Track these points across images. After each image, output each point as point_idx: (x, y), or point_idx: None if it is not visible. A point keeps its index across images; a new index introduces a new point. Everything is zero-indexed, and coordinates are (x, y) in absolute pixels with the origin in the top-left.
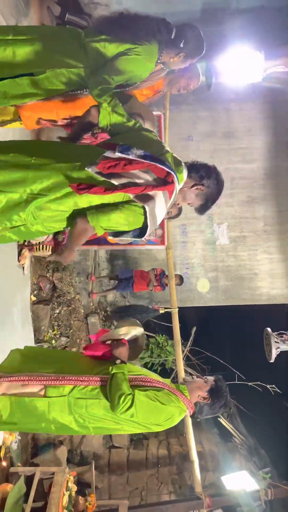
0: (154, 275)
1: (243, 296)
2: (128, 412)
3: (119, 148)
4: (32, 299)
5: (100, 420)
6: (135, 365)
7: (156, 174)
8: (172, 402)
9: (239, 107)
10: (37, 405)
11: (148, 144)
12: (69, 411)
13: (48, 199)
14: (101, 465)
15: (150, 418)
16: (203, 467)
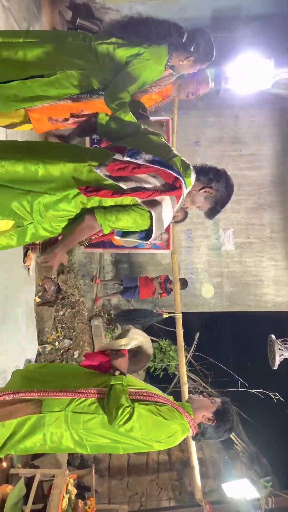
0: (158, 283)
1: (248, 303)
2: (127, 426)
3: (128, 152)
4: (36, 300)
5: (98, 437)
6: (137, 379)
7: (164, 178)
8: (175, 418)
9: (248, 114)
10: (31, 423)
11: (156, 148)
12: (66, 427)
13: (56, 199)
14: (101, 469)
15: (151, 433)
16: (203, 473)
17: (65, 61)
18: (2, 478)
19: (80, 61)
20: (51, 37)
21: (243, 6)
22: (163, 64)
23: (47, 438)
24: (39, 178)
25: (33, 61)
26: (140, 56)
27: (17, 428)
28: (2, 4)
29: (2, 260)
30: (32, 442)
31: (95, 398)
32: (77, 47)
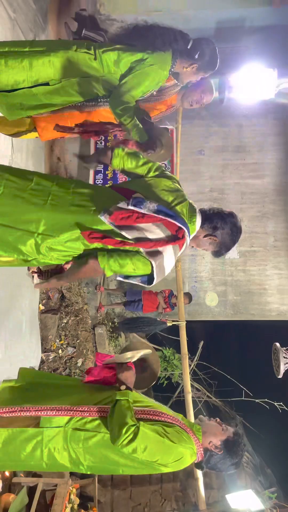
0: (162, 297)
1: (252, 311)
2: (130, 446)
3: (133, 201)
4: (40, 308)
5: (97, 457)
6: (144, 396)
7: (168, 227)
8: (183, 441)
9: (251, 123)
10: (28, 436)
11: (164, 194)
12: (64, 445)
13: (59, 240)
14: (104, 479)
15: (156, 456)
16: (207, 484)
17: (70, 69)
18: (5, 487)
19: (84, 68)
20: (56, 46)
21: (247, 18)
22: (167, 70)
23: (44, 455)
24: (42, 223)
25: (38, 69)
26: (144, 61)
27: (10, 439)
28: (9, 15)
29: (7, 267)
30: (27, 458)
31: (96, 417)
32: (82, 55)
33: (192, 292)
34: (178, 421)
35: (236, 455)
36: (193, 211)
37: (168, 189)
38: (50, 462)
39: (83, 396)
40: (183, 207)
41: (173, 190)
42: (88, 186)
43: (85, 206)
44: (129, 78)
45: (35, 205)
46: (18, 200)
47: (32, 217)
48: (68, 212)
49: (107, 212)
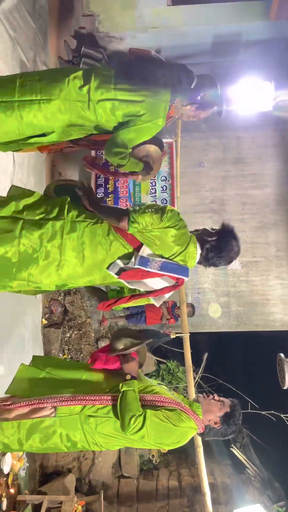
0: (166, 308)
1: (256, 322)
2: (139, 434)
3: (139, 261)
4: (43, 322)
5: (110, 438)
6: (146, 379)
7: (170, 277)
8: (182, 422)
9: (250, 135)
10: (47, 425)
11: (168, 246)
12: (80, 429)
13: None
14: (110, 495)
15: (162, 438)
16: (215, 499)
17: (62, 120)
18: (10, 504)
19: (77, 119)
20: (47, 92)
21: (243, 32)
22: (163, 117)
23: (63, 438)
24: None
25: (30, 123)
26: (140, 117)
27: (33, 429)
28: (9, 35)
29: None
30: (48, 443)
31: (107, 405)
32: (74, 104)
33: (195, 303)
34: (178, 404)
35: (234, 425)
36: (193, 256)
37: (173, 239)
38: (69, 444)
39: (93, 385)
40: (184, 255)
41: (178, 239)
42: (93, 238)
43: (94, 271)
44: (125, 131)
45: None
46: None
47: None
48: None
49: (117, 270)
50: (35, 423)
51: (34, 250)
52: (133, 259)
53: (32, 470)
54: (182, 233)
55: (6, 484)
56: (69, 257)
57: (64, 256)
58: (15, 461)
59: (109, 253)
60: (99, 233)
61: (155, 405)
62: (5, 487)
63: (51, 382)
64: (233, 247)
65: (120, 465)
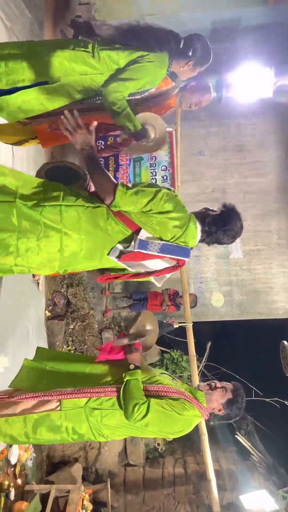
0: (167, 294)
1: (259, 310)
2: (143, 421)
3: (139, 244)
4: (46, 314)
5: (116, 429)
6: (150, 369)
7: (172, 259)
8: (186, 410)
9: (250, 122)
10: (53, 419)
11: (168, 230)
12: (85, 422)
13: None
14: (116, 484)
15: (166, 427)
16: (220, 486)
17: (68, 67)
18: (18, 494)
19: (82, 66)
20: (54, 46)
21: (242, 17)
22: (165, 69)
23: (69, 431)
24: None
25: (36, 69)
26: (145, 57)
27: (39, 423)
28: (5, 25)
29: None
30: (54, 436)
31: (112, 396)
32: (80, 52)
33: (197, 293)
34: (182, 393)
35: (238, 409)
36: (193, 235)
37: (172, 223)
38: (76, 437)
39: (98, 378)
40: (185, 236)
41: (177, 223)
42: (94, 227)
43: (95, 255)
44: (127, 69)
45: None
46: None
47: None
48: (81, 260)
49: (117, 254)
50: (40, 417)
51: (33, 234)
52: (133, 243)
53: (39, 460)
54: (181, 216)
55: (13, 475)
56: (69, 242)
57: (64, 241)
58: (22, 451)
59: (109, 238)
60: (98, 217)
61: (159, 395)
62: (13, 478)
63: (55, 375)
64: (236, 222)
65: (126, 454)
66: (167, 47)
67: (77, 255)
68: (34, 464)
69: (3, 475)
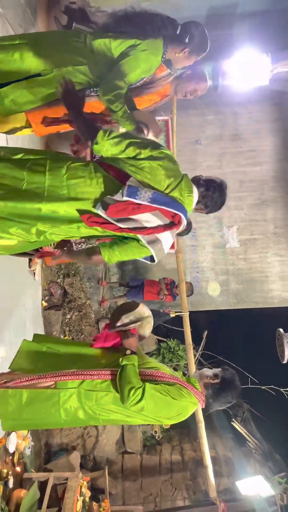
0: (164, 284)
1: (255, 299)
2: (138, 406)
3: (127, 191)
4: (43, 304)
5: (110, 412)
6: (146, 356)
7: (165, 215)
8: (183, 396)
9: (247, 110)
10: (47, 396)
11: (159, 179)
12: (79, 402)
13: (59, 229)
14: (114, 471)
15: (161, 412)
16: (217, 472)
17: (60, 58)
18: (16, 482)
19: (75, 56)
20: (46, 37)
21: (239, 3)
22: (159, 56)
23: (61, 412)
24: (42, 214)
25: (29, 61)
26: (137, 47)
27: (32, 399)
28: None
29: (8, 265)
30: (46, 415)
31: (106, 379)
32: (72, 43)
33: (194, 282)
34: (177, 379)
35: (232, 376)
36: (189, 190)
37: (164, 172)
38: (68, 418)
39: (93, 360)
40: (180, 188)
41: (169, 172)
42: (80, 174)
43: (82, 199)
44: (122, 63)
45: (32, 202)
46: (11, 204)
47: (32, 212)
48: (65, 206)
49: (102, 205)
50: (36, 392)
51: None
52: (121, 190)
53: (37, 449)
54: (173, 167)
55: (12, 463)
56: (53, 200)
57: (48, 198)
58: (20, 440)
59: (97, 191)
60: (84, 171)
61: (154, 379)
62: (11, 466)
63: (52, 357)
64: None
65: (123, 442)
66: (163, 33)
67: (61, 212)
68: (33, 453)
69: (2, 463)
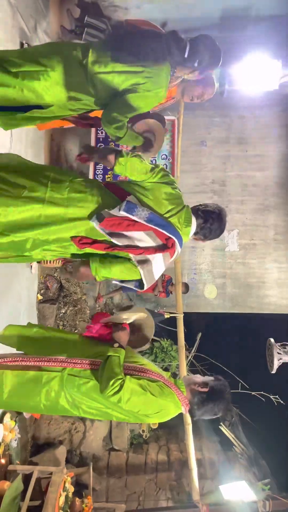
0: (161, 280)
1: (250, 304)
2: (116, 397)
3: (125, 206)
4: (38, 298)
5: (91, 401)
6: (136, 353)
7: (159, 236)
8: (164, 395)
9: (254, 114)
10: (30, 377)
11: (161, 202)
12: (60, 386)
13: (53, 247)
14: (100, 467)
15: (138, 407)
16: (202, 475)
17: (62, 94)
18: (0, 474)
19: (77, 92)
20: (47, 63)
21: (253, 6)
22: (165, 88)
23: (42, 395)
24: (36, 233)
25: (30, 95)
26: (141, 86)
27: (14, 380)
28: (9, 2)
29: None
30: (27, 398)
31: (87, 369)
32: (74, 77)
33: (191, 284)
34: (162, 378)
35: (223, 387)
36: (188, 221)
37: (166, 197)
38: (48, 403)
39: (78, 350)
40: (179, 216)
41: (172, 198)
42: (82, 188)
43: (80, 219)
44: (126, 99)
45: (29, 218)
46: (11, 209)
47: (28, 223)
48: (63, 225)
49: (97, 217)
50: (19, 373)
51: None
52: (119, 206)
53: (24, 441)
54: (176, 195)
55: None
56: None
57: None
58: (7, 432)
59: (95, 206)
60: (86, 187)
61: (138, 375)
62: None
63: (38, 341)
64: (225, 221)
65: (110, 439)
66: (169, 60)
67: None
68: (19, 445)
69: None
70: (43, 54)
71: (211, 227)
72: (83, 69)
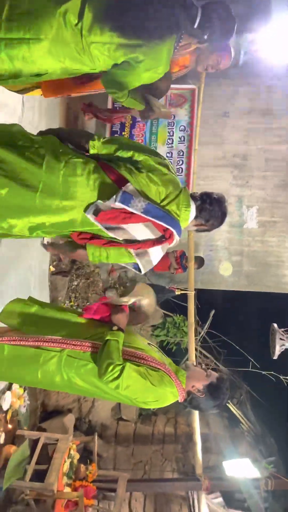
0: (174, 257)
1: (267, 283)
2: (114, 383)
3: (121, 197)
4: (51, 269)
5: (87, 383)
6: (139, 338)
7: (157, 227)
8: (163, 384)
9: (282, 84)
10: (29, 355)
11: (156, 190)
12: (58, 367)
13: (49, 230)
14: (108, 436)
15: (136, 394)
16: (208, 449)
17: (58, 65)
18: (8, 439)
19: (74, 64)
20: (43, 34)
21: None
22: (165, 64)
23: (39, 373)
24: (35, 210)
25: (20, 63)
26: (139, 64)
27: (13, 355)
28: None
29: None
30: (24, 373)
31: (88, 351)
32: (70, 48)
33: (206, 261)
34: (163, 366)
35: (218, 399)
36: (187, 204)
37: (161, 182)
38: (44, 380)
39: (78, 330)
40: (177, 202)
41: (167, 183)
42: (78, 172)
43: (74, 199)
44: (123, 73)
45: (29, 191)
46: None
47: (24, 206)
48: (58, 209)
49: (93, 210)
50: (18, 349)
51: None
52: (114, 196)
53: (33, 407)
54: (173, 178)
55: (5, 420)
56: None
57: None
58: (15, 399)
59: (91, 194)
60: (83, 169)
61: (138, 361)
62: (4, 423)
63: (39, 320)
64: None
65: (119, 409)
66: (175, 32)
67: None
68: (28, 411)
69: None
70: (32, 17)
71: (210, 208)
72: (79, 39)
